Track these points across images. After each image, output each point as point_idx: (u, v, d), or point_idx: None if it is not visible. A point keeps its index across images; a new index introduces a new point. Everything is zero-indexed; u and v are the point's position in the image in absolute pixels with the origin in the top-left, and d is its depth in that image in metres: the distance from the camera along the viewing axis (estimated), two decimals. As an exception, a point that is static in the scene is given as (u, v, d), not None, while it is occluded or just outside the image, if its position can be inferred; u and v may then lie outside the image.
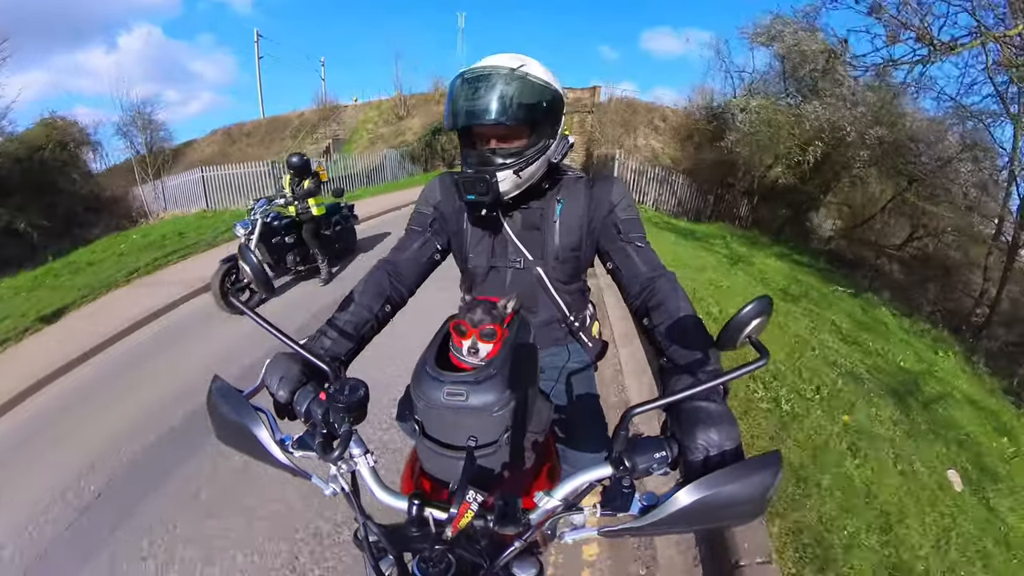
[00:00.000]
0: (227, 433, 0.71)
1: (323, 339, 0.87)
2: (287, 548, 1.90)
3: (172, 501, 2.21)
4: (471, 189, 0.94)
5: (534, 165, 0.96)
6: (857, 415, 2.90)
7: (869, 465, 2.42)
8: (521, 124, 0.91)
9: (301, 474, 0.68)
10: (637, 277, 0.95)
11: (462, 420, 0.68)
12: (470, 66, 0.94)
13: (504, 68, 0.90)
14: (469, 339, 0.76)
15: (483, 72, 0.90)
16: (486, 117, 0.88)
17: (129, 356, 3.95)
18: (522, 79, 0.89)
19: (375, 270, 1.02)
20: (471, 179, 0.94)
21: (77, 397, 3.34)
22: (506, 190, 0.94)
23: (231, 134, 17.56)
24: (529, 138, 0.94)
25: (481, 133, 0.95)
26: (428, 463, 0.77)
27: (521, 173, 0.94)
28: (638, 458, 0.57)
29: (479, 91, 0.88)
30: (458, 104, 0.91)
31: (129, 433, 2.78)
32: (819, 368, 3.44)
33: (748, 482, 0.51)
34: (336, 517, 1.99)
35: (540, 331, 1.13)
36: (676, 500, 0.52)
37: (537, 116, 0.92)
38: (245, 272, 0.71)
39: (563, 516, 0.62)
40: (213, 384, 0.72)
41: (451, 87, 0.94)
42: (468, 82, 0.90)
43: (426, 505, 0.63)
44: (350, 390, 0.67)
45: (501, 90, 0.87)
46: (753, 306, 0.52)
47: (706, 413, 0.60)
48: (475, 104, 0.89)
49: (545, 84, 0.92)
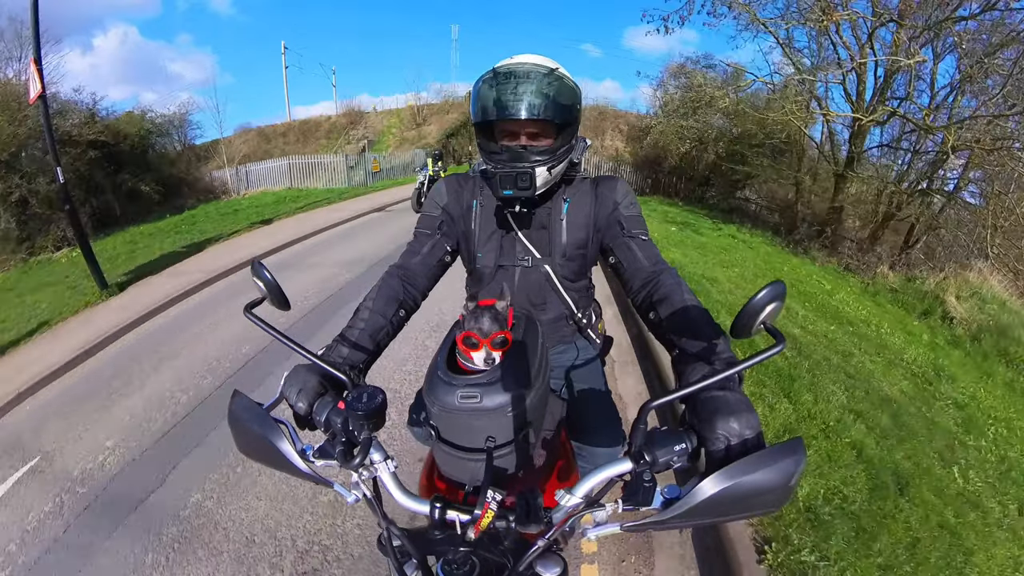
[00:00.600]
0: (249, 446, 0.72)
1: (340, 348, 0.88)
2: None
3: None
4: (511, 185, 0.94)
5: (563, 164, 0.98)
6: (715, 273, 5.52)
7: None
8: (557, 123, 0.93)
9: (323, 482, 0.69)
10: (640, 271, 0.95)
11: (477, 422, 0.69)
12: (503, 62, 0.95)
13: (544, 67, 0.91)
14: (481, 350, 0.75)
15: (522, 69, 0.91)
16: (529, 113, 0.89)
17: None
18: (561, 80, 0.91)
19: (387, 276, 1.03)
20: (511, 175, 0.93)
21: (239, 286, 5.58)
22: (539, 186, 0.95)
23: (265, 133, 20.59)
24: (556, 137, 0.95)
25: (512, 130, 0.95)
26: (445, 467, 0.77)
27: (552, 170, 0.96)
28: (658, 451, 0.57)
29: (520, 87, 0.89)
30: (494, 98, 0.91)
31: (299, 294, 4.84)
32: (687, 250, 6.65)
33: (772, 469, 0.50)
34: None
35: (548, 328, 1.14)
36: (699, 491, 0.51)
37: (569, 117, 0.94)
38: (260, 288, 0.72)
39: (585, 513, 0.62)
40: (233, 399, 0.73)
41: (480, 80, 0.94)
42: (506, 77, 0.91)
43: (448, 508, 0.63)
44: (368, 398, 0.67)
45: (542, 89, 0.89)
46: (767, 291, 0.52)
47: (723, 402, 0.59)
48: (516, 100, 0.89)
49: (576, 87, 0.95)
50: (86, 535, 2.05)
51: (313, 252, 6.90)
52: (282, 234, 7.86)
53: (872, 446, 2.41)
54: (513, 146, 0.95)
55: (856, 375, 3.61)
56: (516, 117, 0.90)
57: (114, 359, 3.90)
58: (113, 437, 2.75)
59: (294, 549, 1.88)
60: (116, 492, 2.31)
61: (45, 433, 2.90)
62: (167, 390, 3.21)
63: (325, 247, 7.17)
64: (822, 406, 2.66)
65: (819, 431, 2.41)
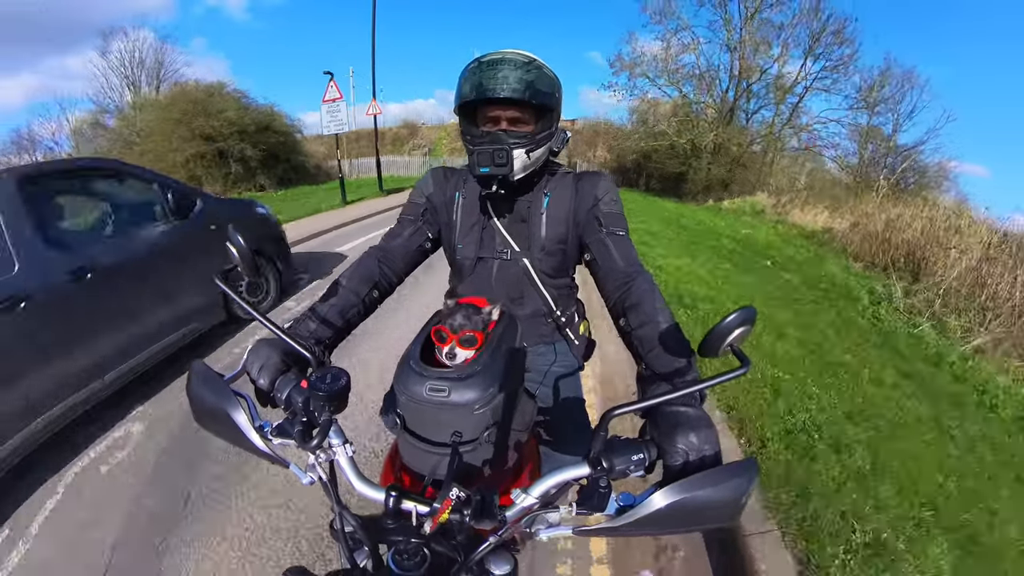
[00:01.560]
0: (206, 417, 0.70)
1: (308, 322, 0.87)
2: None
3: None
4: (488, 161, 0.94)
5: (541, 149, 0.98)
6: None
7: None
8: (535, 107, 0.94)
9: (279, 461, 0.68)
10: (614, 271, 0.95)
11: (443, 416, 0.68)
12: (486, 53, 0.97)
13: (523, 57, 0.93)
14: (448, 345, 0.75)
15: (502, 57, 0.93)
16: (506, 93, 0.90)
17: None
18: (540, 69, 0.93)
19: (365, 256, 1.02)
20: (488, 151, 0.93)
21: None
22: (517, 168, 0.95)
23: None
24: (536, 124, 0.97)
25: (493, 116, 0.96)
26: (408, 457, 0.77)
27: (531, 154, 0.96)
28: (616, 459, 0.57)
29: (500, 71, 0.91)
30: (475, 81, 0.92)
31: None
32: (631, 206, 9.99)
33: (724, 487, 0.51)
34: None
35: (526, 324, 1.12)
36: (652, 502, 0.52)
37: (548, 104, 0.95)
38: (232, 253, 0.70)
39: (539, 514, 0.62)
40: (193, 367, 0.71)
41: (465, 70, 0.96)
42: (486, 64, 0.93)
43: (404, 498, 0.63)
44: (332, 379, 0.66)
45: (520, 74, 0.91)
46: (736, 315, 0.53)
47: (685, 417, 0.60)
48: (495, 82, 0.90)
49: (555, 78, 0.96)
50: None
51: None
52: (395, 200, 12.40)
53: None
54: (493, 130, 0.96)
55: (701, 240, 8.60)
56: (496, 96, 0.91)
57: (350, 230, 8.23)
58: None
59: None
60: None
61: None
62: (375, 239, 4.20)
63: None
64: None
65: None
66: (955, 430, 3.16)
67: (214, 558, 1.77)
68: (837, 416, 2.72)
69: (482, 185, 1.02)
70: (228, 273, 0.69)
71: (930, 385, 3.94)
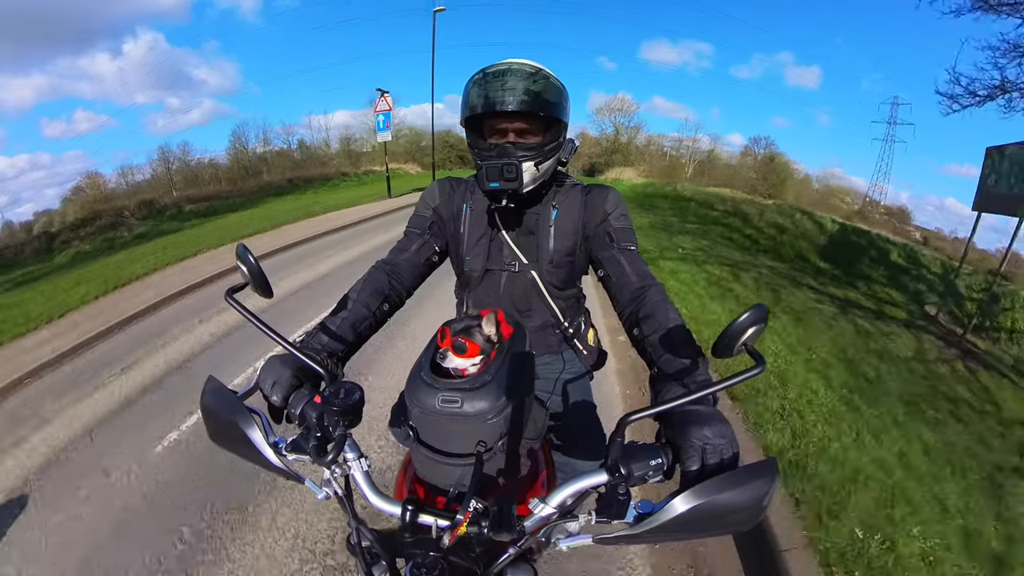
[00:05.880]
0: (220, 434, 0.70)
1: (320, 336, 0.86)
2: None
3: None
4: (497, 176, 0.94)
5: (550, 161, 0.98)
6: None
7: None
8: (543, 118, 0.94)
9: (294, 477, 0.68)
10: (628, 286, 0.94)
11: (456, 427, 0.68)
12: (491, 64, 0.96)
13: (529, 67, 0.93)
14: (458, 356, 0.75)
15: (508, 68, 0.92)
16: (513, 105, 0.90)
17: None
18: (547, 79, 0.93)
19: (374, 270, 1.02)
20: (497, 166, 0.93)
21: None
22: (526, 181, 0.95)
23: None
24: (544, 135, 0.96)
25: (500, 128, 0.96)
26: (422, 469, 0.76)
27: (540, 166, 0.96)
28: (633, 465, 0.57)
29: (507, 83, 0.90)
30: (481, 93, 0.92)
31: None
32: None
33: (744, 489, 0.50)
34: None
35: (534, 336, 1.13)
36: (672, 508, 0.51)
37: (555, 114, 0.94)
38: (243, 272, 0.71)
39: (558, 523, 0.61)
40: (207, 385, 0.71)
41: (470, 81, 0.95)
42: (493, 76, 0.92)
43: (421, 511, 0.62)
44: (345, 393, 0.66)
45: (527, 85, 0.90)
46: (749, 315, 0.52)
47: (697, 415, 0.60)
48: (502, 94, 0.90)
49: (562, 87, 0.96)
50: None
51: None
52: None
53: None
54: (501, 143, 0.96)
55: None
56: (503, 109, 0.91)
57: (390, 219, 10.32)
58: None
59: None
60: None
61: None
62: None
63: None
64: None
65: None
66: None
67: None
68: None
69: (491, 199, 1.02)
70: (237, 291, 0.70)
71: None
